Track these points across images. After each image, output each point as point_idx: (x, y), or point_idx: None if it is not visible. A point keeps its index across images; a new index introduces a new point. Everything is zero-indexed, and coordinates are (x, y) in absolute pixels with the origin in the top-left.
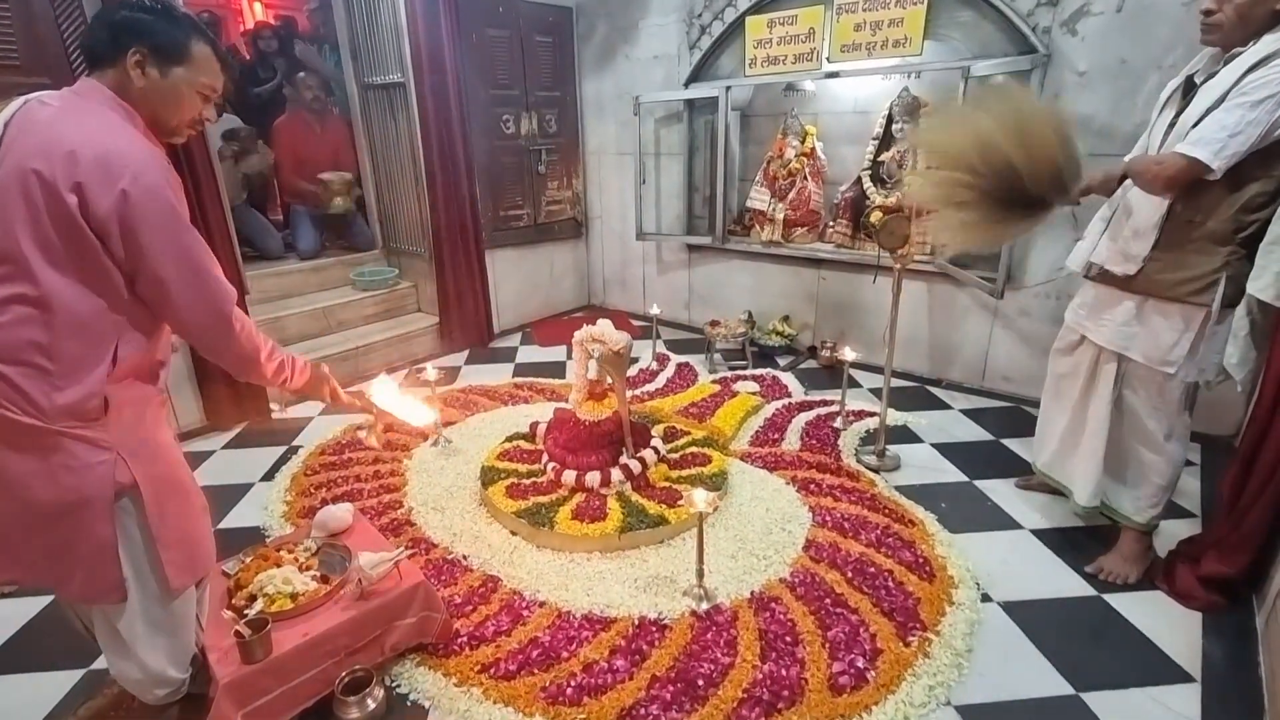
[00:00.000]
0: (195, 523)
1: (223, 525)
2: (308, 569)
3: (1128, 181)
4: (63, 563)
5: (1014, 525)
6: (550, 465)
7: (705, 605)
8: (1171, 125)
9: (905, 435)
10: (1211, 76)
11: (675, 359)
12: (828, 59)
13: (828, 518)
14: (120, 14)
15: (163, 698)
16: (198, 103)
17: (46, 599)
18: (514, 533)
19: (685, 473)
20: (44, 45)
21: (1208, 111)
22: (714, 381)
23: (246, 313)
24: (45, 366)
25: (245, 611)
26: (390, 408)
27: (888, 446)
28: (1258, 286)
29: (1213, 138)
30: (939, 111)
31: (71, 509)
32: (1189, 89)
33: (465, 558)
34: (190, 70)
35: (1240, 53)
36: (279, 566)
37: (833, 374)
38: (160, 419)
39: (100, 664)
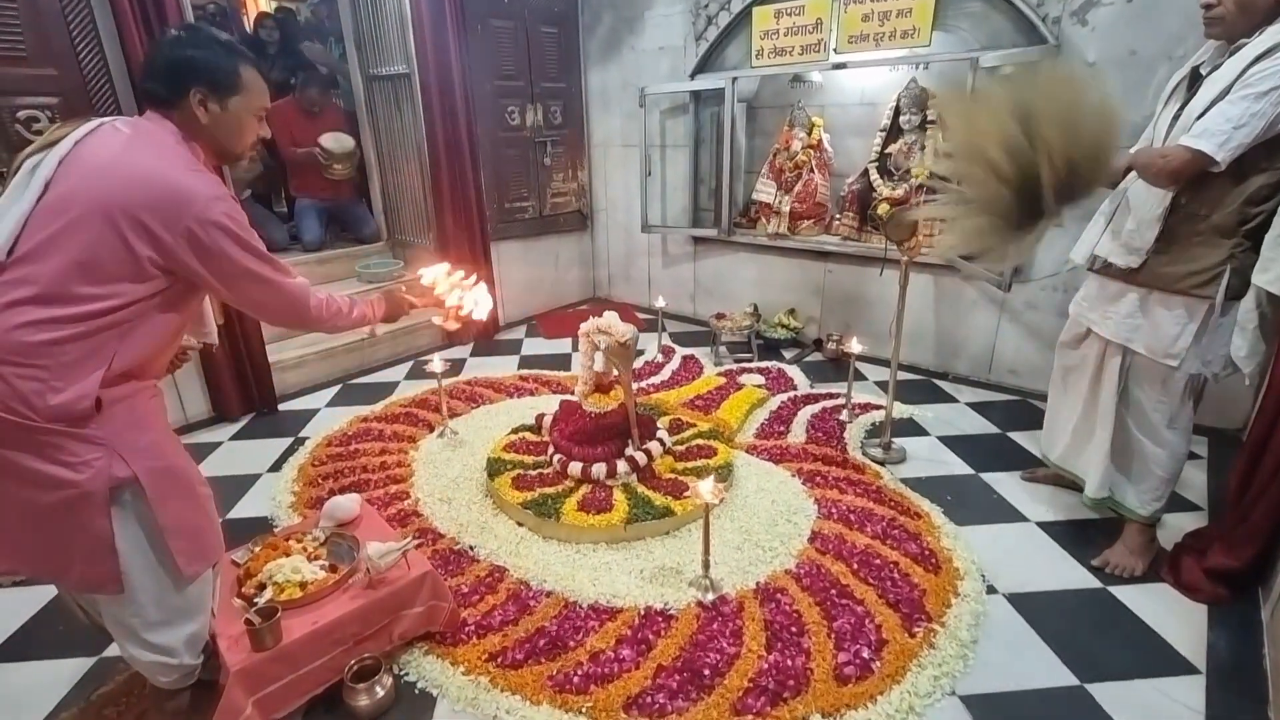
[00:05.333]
0: (200, 511)
1: (231, 515)
2: (316, 558)
3: (1132, 174)
4: (61, 555)
5: (1020, 518)
6: (556, 457)
7: (711, 596)
8: (1176, 117)
9: (911, 428)
10: (1216, 68)
11: (681, 351)
12: (835, 50)
13: (833, 510)
14: (172, 55)
15: (175, 682)
16: (254, 124)
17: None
18: (520, 524)
19: (691, 465)
20: (50, 38)
21: (1213, 103)
22: (719, 374)
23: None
24: (44, 367)
25: (255, 600)
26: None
27: (893, 439)
28: (1266, 279)
29: (1217, 130)
30: (973, 95)
31: (68, 503)
32: (1194, 80)
33: (472, 548)
34: (245, 97)
35: (1245, 44)
36: (288, 556)
37: (838, 367)
38: (154, 411)
39: (111, 651)
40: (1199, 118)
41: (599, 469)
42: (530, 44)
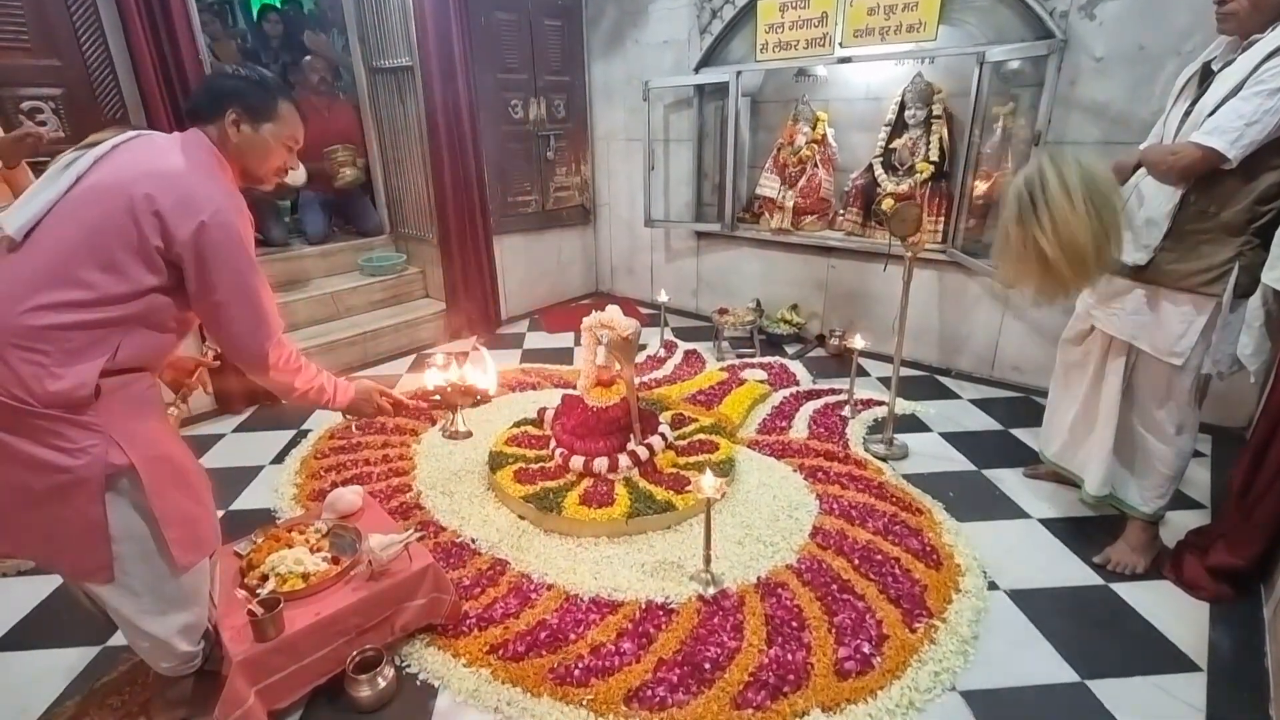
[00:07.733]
0: (196, 501)
1: (234, 507)
2: (319, 550)
3: (1141, 170)
4: (54, 541)
5: (1022, 514)
6: (558, 451)
7: (712, 590)
8: (1187, 113)
9: (913, 424)
10: (1229, 64)
11: (683, 346)
12: (840, 44)
13: (835, 505)
14: (219, 80)
15: (176, 669)
16: (283, 153)
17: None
18: (522, 517)
19: (693, 459)
20: (54, 28)
21: (1224, 100)
22: (722, 369)
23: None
24: (46, 352)
25: (258, 591)
26: (453, 379)
27: (896, 435)
28: (1274, 276)
29: (1229, 126)
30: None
31: (63, 489)
32: (1205, 76)
33: (474, 541)
34: (278, 126)
35: (1258, 40)
36: (290, 547)
37: (841, 363)
38: (152, 401)
39: (115, 641)
40: (1210, 114)
41: (601, 463)
42: (534, 37)
